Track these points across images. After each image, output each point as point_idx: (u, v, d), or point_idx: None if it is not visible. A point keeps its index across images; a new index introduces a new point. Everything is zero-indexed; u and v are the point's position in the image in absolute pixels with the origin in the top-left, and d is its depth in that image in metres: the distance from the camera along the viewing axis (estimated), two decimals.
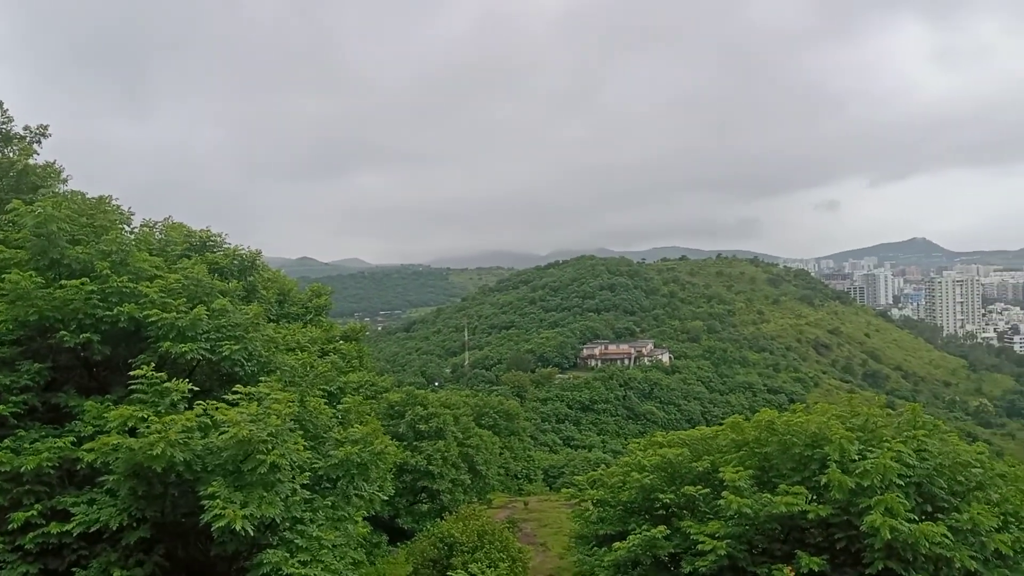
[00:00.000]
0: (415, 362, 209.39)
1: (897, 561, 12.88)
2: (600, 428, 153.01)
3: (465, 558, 25.36)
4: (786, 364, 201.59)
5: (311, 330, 24.10)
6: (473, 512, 29.18)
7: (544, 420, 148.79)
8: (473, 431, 42.68)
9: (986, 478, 14.87)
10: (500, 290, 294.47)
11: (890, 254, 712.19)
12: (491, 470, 43.83)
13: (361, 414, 19.51)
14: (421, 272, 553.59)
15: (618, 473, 18.75)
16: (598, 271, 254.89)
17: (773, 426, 16.11)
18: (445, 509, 35.05)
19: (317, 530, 14.78)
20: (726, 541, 14.33)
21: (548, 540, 39.87)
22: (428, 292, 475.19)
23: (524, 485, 64.75)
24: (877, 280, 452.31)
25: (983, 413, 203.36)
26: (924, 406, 17.94)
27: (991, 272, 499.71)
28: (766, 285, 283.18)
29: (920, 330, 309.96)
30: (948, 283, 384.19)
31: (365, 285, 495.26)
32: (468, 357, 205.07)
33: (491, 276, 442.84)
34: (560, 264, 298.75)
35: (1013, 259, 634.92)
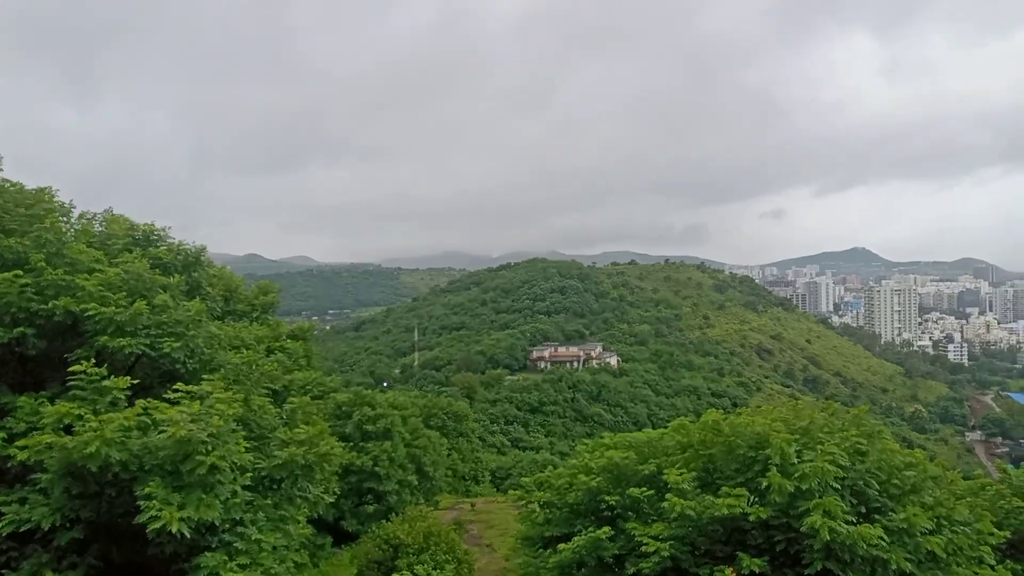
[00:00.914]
0: (364, 362, 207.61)
1: (835, 562, 13.20)
2: (548, 430, 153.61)
3: (410, 560, 25.18)
4: (730, 368, 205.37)
5: (257, 328, 23.66)
6: (419, 513, 28.99)
7: (493, 421, 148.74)
8: (421, 432, 42.38)
9: (921, 482, 15.31)
10: (451, 291, 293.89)
11: (832, 263, 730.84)
12: (439, 471, 43.60)
13: (308, 415, 19.22)
14: (371, 271, 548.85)
15: (565, 475, 18.83)
16: (549, 274, 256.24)
17: (718, 428, 16.35)
18: (391, 511, 34.71)
19: (258, 532, 14.49)
20: (669, 542, 14.50)
21: (495, 542, 39.86)
22: (378, 292, 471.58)
23: (472, 487, 64.61)
24: (819, 288, 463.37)
25: (918, 419, 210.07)
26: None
27: (928, 282, 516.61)
28: (712, 291, 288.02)
29: (859, 337, 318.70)
30: (887, 292, 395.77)
31: (314, 284, 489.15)
32: (418, 358, 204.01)
33: (443, 277, 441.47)
34: (512, 266, 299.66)
35: (949, 270, 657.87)
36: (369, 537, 28.90)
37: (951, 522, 14.80)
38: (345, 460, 24.82)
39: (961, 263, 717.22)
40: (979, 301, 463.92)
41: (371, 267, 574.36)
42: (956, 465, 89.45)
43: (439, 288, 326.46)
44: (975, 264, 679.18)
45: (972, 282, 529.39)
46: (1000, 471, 24.49)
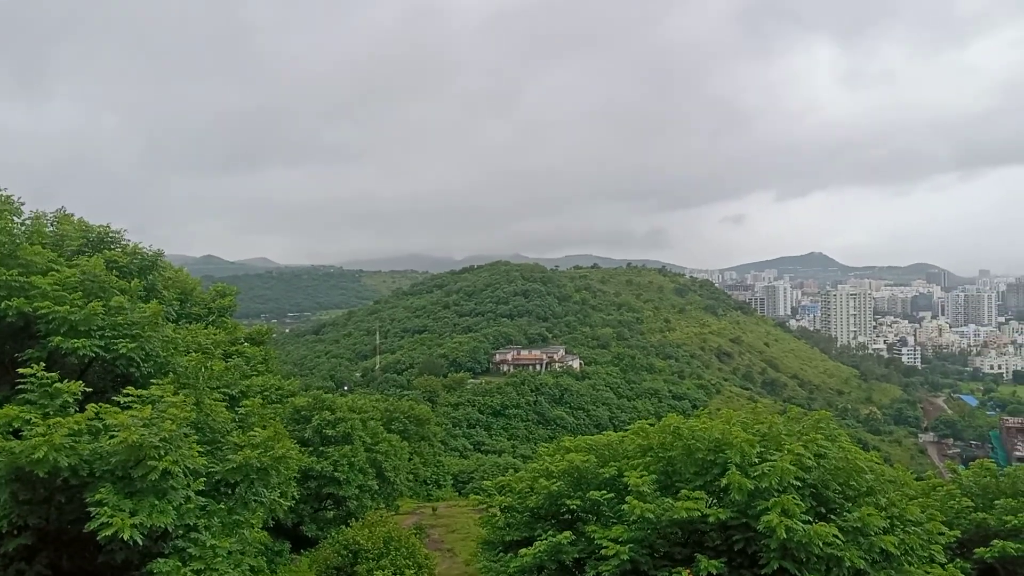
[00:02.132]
0: (324, 365, 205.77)
1: (791, 561, 13.36)
2: (511, 433, 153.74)
3: (370, 565, 24.98)
4: (690, 371, 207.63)
5: (214, 332, 23.26)
6: (380, 518, 28.79)
7: (455, 425, 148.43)
8: (382, 436, 42.04)
9: (876, 482, 15.60)
10: (414, 293, 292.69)
11: (790, 267, 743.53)
12: (400, 476, 43.28)
13: (263, 418, 18.94)
14: (332, 273, 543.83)
15: (526, 479, 18.82)
16: (512, 277, 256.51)
17: (678, 431, 16.46)
18: (351, 515, 34.42)
19: (212, 538, 14.23)
20: (629, 545, 14.55)
21: (456, 546, 39.73)
22: (339, 294, 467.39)
23: (433, 491, 64.31)
24: (777, 292, 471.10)
25: (873, 421, 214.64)
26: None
27: (882, 287, 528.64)
28: (673, 294, 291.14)
29: (816, 341, 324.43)
30: (842, 296, 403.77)
31: (273, 286, 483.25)
32: (379, 361, 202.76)
33: (405, 279, 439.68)
34: (475, 269, 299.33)
35: (903, 275, 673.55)
36: (328, 543, 28.62)
37: (904, 522, 15.09)
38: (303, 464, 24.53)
39: (915, 268, 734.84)
40: (932, 305, 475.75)
41: (332, 269, 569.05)
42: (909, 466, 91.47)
43: (401, 291, 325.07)
44: (928, 269, 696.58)
45: (925, 287, 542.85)
46: (951, 472, 25.15)
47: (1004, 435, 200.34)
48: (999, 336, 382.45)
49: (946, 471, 32.90)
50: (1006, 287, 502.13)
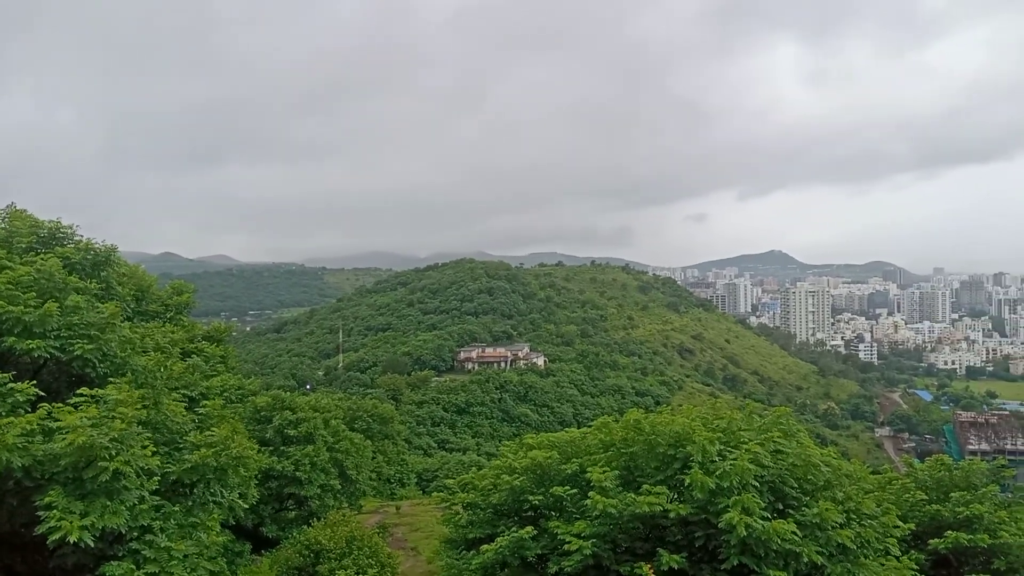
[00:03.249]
0: (286, 364, 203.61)
1: (751, 557, 13.52)
2: (475, 431, 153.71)
3: (332, 565, 24.71)
4: (653, 368, 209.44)
5: (171, 330, 22.84)
6: (342, 518, 28.49)
7: (419, 423, 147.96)
8: (345, 435, 41.64)
9: (833, 477, 15.85)
10: (377, 291, 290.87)
11: (750, 265, 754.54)
12: (363, 475, 42.91)
13: (222, 418, 18.65)
14: (294, 271, 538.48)
15: (489, 476, 18.80)
16: (477, 274, 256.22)
17: (640, 427, 16.56)
18: (313, 515, 34.03)
19: (167, 540, 13.96)
20: (591, 540, 14.61)
21: (419, 544, 39.57)
22: (301, 292, 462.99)
23: (397, 489, 63.95)
24: (738, 289, 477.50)
25: (831, 416, 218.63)
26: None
27: (840, 284, 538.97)
28: (636, 292, 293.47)
29: (775, 337, 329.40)
30: (801, 294, 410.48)
31: (233, 284, 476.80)
32: (342, 359, 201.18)
33: (368, 277, 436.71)
34: (439, 267, 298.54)
35: (860, 272, 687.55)
36: (290, 543, 28.29)
37: (860, 516, 15.36)
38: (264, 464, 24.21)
39: (872, 266, 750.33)
40: (888, 302, 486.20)
41: (294, 267, 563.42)
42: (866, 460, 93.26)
43: (365, 288, 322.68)
44: (885, 267, 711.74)
45: (882, 284, 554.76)
46: (906, 465, 25.70)
47: (957, 429, 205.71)
48: (953, 333, 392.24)
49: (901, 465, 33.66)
50: (959, 285, 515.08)
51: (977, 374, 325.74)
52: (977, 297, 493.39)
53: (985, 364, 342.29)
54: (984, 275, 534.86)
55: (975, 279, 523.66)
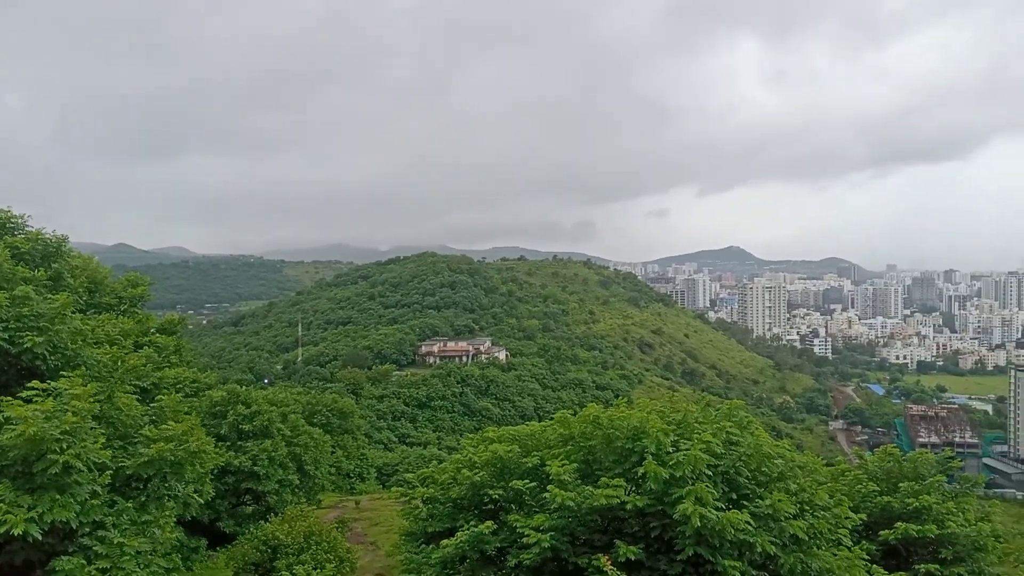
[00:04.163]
0: (243, 358, 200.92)
1: (706, 547, 13.69)
2: (436, 425, 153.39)
3: (290, 560, 24.48)
4: (614, 362, 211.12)
5: (123, 322, 22.36)
6: (300, 513, 28.24)
7: (380, 417, 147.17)
8: (303, 430, 41.21)
9: (787, 469, 16.12)
10: (338, 285, 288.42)
11: (709, 261, 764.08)
12: (321, 469, 42.54)
13: (178, 412, 18.34)
14: (252, 264, 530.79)
15: (449, 470, 18.75)
16: (439, 268, 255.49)
17: (598, 420, 16.66)
18: (271, 511, 33.67)
19: (120, 535, 13.70)
20: (550, 533, 14.67)
21: (379, 539, 39.39)
22: (259, 285, 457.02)
23: (357, 484, 63.52)
24: (696, 285, 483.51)
25: (786, 409, 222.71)
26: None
27: (796, 280, 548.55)
28: (597, 287, 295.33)
29: (733, 332, 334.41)
30: (758, 289, 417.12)
31: (190, 276, 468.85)
32: (302, 353, 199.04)
33: (329, 270, 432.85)
34: (401, 260, 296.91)
35: (815, 269, 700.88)
36: (246, 538, 27.96)
37: (813, 507, 15.64)
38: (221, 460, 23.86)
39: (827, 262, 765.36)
40: (842, 298, 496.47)
41: (252, 259, 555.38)
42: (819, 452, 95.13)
43: (325, 282, 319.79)
44: (839, 263, 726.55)
45: (836, 280, 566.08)
46: (858, 457, 26.25)
47: (908, 422, 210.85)
48: (904, 328, 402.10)
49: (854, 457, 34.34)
50: (911, 281, 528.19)
51: (928, 369, 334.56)
52: (928, 293, 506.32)
53: (935, 359, 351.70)
54: (935, 272, 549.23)
55: (926, 276, 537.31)
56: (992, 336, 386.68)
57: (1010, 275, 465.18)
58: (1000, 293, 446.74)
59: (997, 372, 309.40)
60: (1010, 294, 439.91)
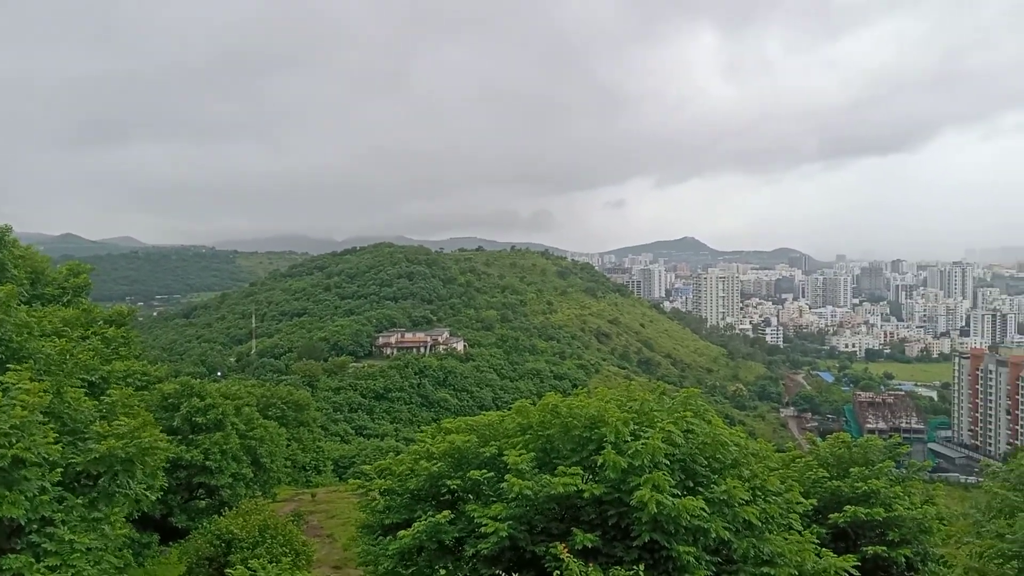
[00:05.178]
0: (195, 350, 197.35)
1: (661, 533, 13.89)
2: (394, 416, 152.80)
3: (244, 554, 24.16)
4: (571, 352, 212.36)
5: (67, 312, 21.77)
6: (255, 507, 27.89)
7: (336, 410, 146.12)
8: (257, 423, 40.67)
9: (740, 456, 16.42)
10: (293, 276, 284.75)
11: (664, 251, 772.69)
12: (276, 462, 42.04)
13: (129, 406, 17.94)
14: (204, 254, 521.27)
15: (407, 461, 18.68)
16: (396, 259, 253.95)
17: (556, 410, 16.74)
18: (225, 505, 33.22)
19: (70, 532, 13.39)
20: (508, 523, 14.73)
21: (336, 531, 39.17)
22: (211, 276, 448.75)
23: (313, 477, 63.02)
24: (652, 275, 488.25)
25: (739, 397, 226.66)
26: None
27: (749, 270, 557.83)
28: (555, 277, 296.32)
29: (688, 321, 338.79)
30: (712, 279, 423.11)
31: (139, 267, 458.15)
32: (256, 345, 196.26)
33: (283, 261, 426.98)
34: (357, 251, 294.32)
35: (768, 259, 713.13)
36: (200, 533, 27.56)
37: (765, 492, 15.99)
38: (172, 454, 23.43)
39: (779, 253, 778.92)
40: (793, 288, 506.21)
41: (204, 250, 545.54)
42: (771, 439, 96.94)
43: (279, 273, 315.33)
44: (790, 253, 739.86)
45: (788, 270, 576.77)
46: (809, 444, 26.84)
47: (857, 409, 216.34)
48: (853, 317, 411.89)
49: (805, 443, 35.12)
50: (860, 271, 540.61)
51: (875, 356, 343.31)
52: (876, 283, 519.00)
53: (883, 347, 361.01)
54: (883, 262, 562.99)
55: (874, 266, 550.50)
56: (937, 324, 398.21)
57: (955, 265, 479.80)
58: (945, 282, 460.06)
59: (942, 359, 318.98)
60: (955, 283, 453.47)
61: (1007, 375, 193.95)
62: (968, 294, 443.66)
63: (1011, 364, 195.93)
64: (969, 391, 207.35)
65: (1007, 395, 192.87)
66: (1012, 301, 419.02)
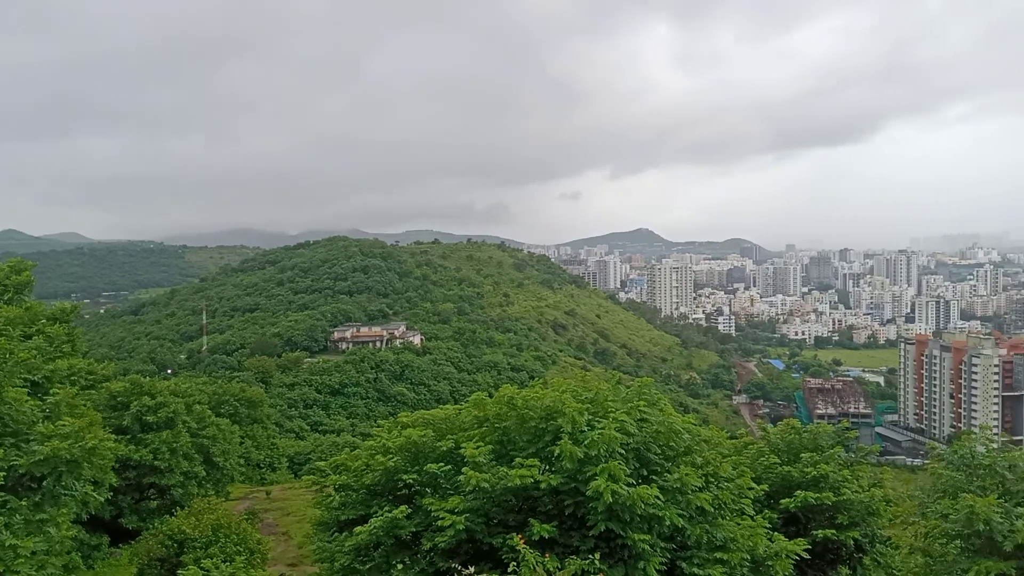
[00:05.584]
0: (144, 348, 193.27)
1: (617, 522, 14.01)
2: (350, 411, 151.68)
3: (197, 554, 23.80)
4: (528, 344, 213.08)
5: (9, 310, 21.08)
6: (207, 506, 27.48)
7: (291, 406, 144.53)
8: (209, 420, 40.01)
9: (693, 443, 16.64)
10: (244, 270, 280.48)
11: (619, 243, 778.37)
12: (230, 460, 41.41)
13: (74, 406, 17.46)
14: (152, 249, 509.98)
15: (362, 456, 18.54)
16: (351, 252, 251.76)
17: (513, 401, 16.75)
18: (177, 504, 32.66)
19: (12, 537, 12.99)
20: (464, 515, 14.72)
21: (291, 528, 38.80)
22: (160, 271, 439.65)
23: (268, 474, 62.25)
24: (608, 266, 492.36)
25: (693, 385, 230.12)
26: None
27: (702, 261, 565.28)
28: (512, 269, 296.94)
29: (642, 312, 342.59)
30: (666, 270, 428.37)
31: (85, 262, 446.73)
32: (207, 342, 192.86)
33: (234, 255, 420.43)
34: (311, 244, 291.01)
35: (720, 249, 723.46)
36: (151, 533, 27.11)
37: (718, 479, 16.23)
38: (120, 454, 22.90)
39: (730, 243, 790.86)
40: (745, 277, 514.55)
41: (152, 245, 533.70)
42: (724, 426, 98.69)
43: (230, 267, 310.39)
44: (742, 244, 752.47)
45: (739, 260, 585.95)
46: (761, 430, 27.36)
47: (807, 395, 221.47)
48: (802, 305, 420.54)
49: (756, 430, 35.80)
50: (809, 260, 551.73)
51: (824, 344, 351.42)
52: (824, 272, 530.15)
53: (831, 334, 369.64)
54: (831, 251, 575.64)
55: (823, 255, 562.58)
56: (883, 311, 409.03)
57: (900, 253, 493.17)
58: (891, 271, 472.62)
59: (888, 345, 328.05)
60: (900, 271, 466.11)
61: (950, 360, 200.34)
62: (913, 282, 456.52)
63: (954, 349, 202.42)
64: (914, 376, 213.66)
65: (951, 379, 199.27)
66: (955, 288, 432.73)
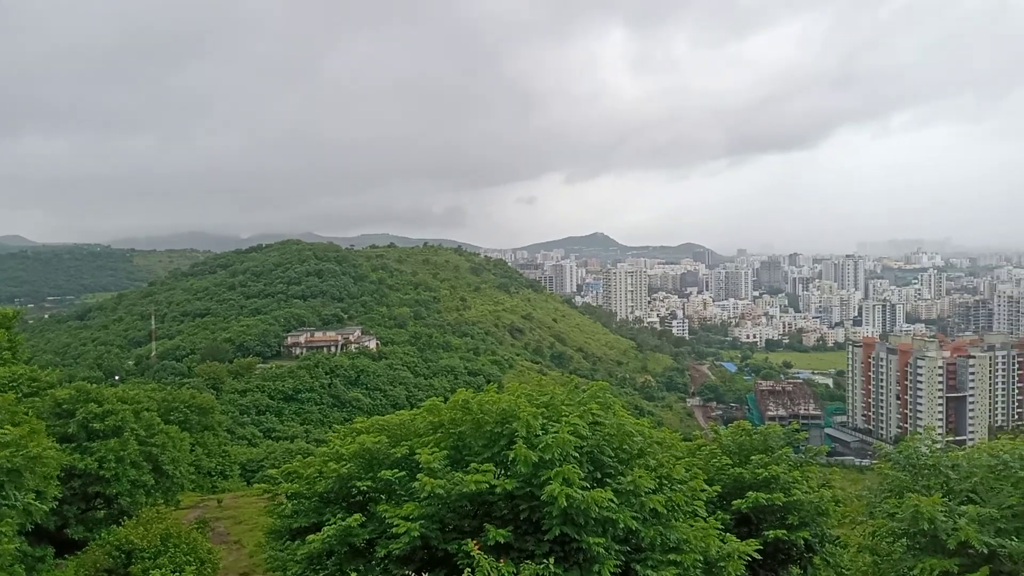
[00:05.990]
0: (91, 354, 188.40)
1: (572, 526, 14.07)
2: (304, 418, 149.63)
3: (146, 564, 23.30)
4: (485, 348, 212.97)
5: None
6: (156, 515, 26.89)
7: (243, 412, 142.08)
8: (158, 428, 39.06)
9: (646, 446, 16.79)
10: (195, 274, 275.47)
11: (575, 247, 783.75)
12: (180, 468, 40.46)
13: (15, 414, 16.96)
14: (99, 253, 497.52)
15: (315, 463, 18.33)
16: (305, 256, 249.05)
17: (468, 406, 16.72)
18: (124, 514, 31.82)
19: None
20: (419, 522, 14.63)
21: (243, 537, 38.19)
22: (107, 276, 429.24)
23: (219, 482, 61.05)
24: (564, 270, 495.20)
25: (648, 388, 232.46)
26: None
27: (656, 265, 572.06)
28: (469, 273, 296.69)
29: (598, 315, 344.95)
30: (621, 274, 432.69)
31: (28, 266, 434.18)
32: (155, 347, 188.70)
33: (184, 259, 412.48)
34: (264, 248, 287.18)
35: (673, 254, 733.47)
36: (98, 544, 26.39)
37: (671, 481, 16.41)
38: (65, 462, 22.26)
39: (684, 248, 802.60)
40: (698, 281, 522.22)
41: (99, 248, 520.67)
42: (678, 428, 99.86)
43: (180, 271, 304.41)
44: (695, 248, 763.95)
45: (692, 264, 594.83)
46: (713, 432, 27.70)
47: (758, 397, 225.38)
48: (754, 308, 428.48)
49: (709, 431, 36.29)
50: (760, 265, 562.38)
51: (775, 346, 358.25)
52: (775, 276, 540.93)
53: (782, 337, 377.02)
54: (781, 256, 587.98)
55: (773, 260, 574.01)
56: (832, 315, 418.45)
57: (847, 258, 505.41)
58: (839, 275, 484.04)
59: (837, 348, 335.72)
60: (848, 276, 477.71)
61: (896, 362, 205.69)
62: (860, 286, 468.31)
63: (900, 352, 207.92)
64: (862, 378, 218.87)
65: (897, 381, 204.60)
66: (900, 292, 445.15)
